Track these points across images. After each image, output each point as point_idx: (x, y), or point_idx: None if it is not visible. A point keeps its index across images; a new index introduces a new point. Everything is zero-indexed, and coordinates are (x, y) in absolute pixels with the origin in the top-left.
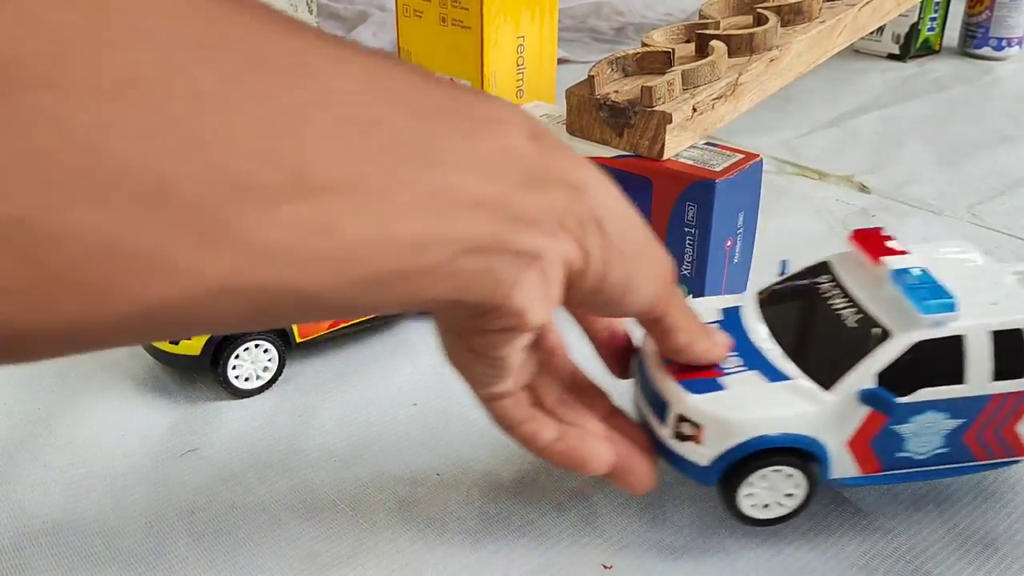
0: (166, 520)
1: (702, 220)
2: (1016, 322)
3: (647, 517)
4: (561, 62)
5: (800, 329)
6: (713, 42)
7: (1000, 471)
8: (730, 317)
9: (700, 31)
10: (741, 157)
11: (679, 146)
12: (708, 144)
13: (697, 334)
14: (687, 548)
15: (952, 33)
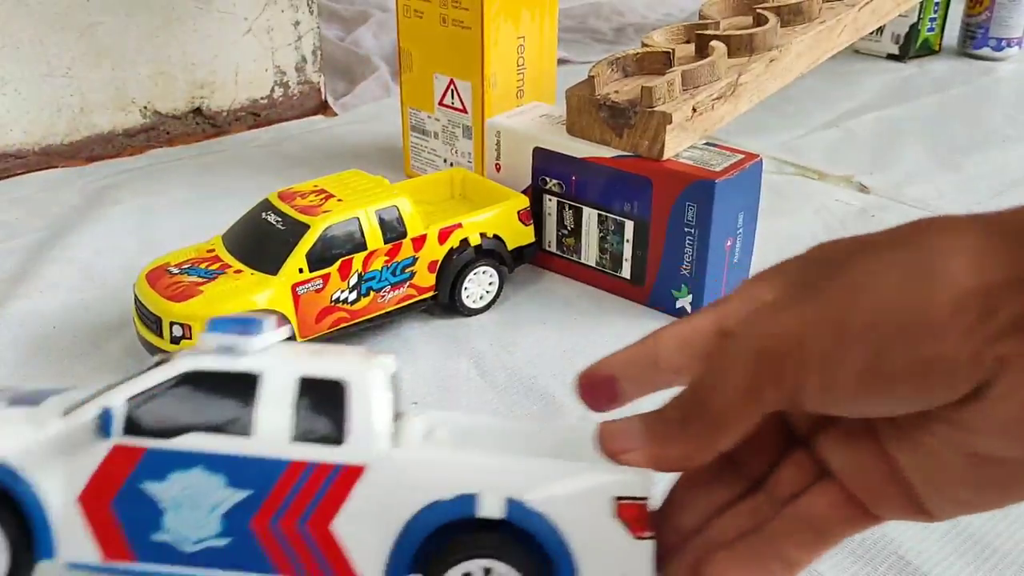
0: None
1: (702, 220)
2: (333, 373)
3: None
4: (561, 62)
5: None
6: (713, 42)
7: None
8: None
9: (700, 31)
10: (741, 157)
11: (679, 146)
12: (708, 144)
13: None
14: None
15: (952, 33)
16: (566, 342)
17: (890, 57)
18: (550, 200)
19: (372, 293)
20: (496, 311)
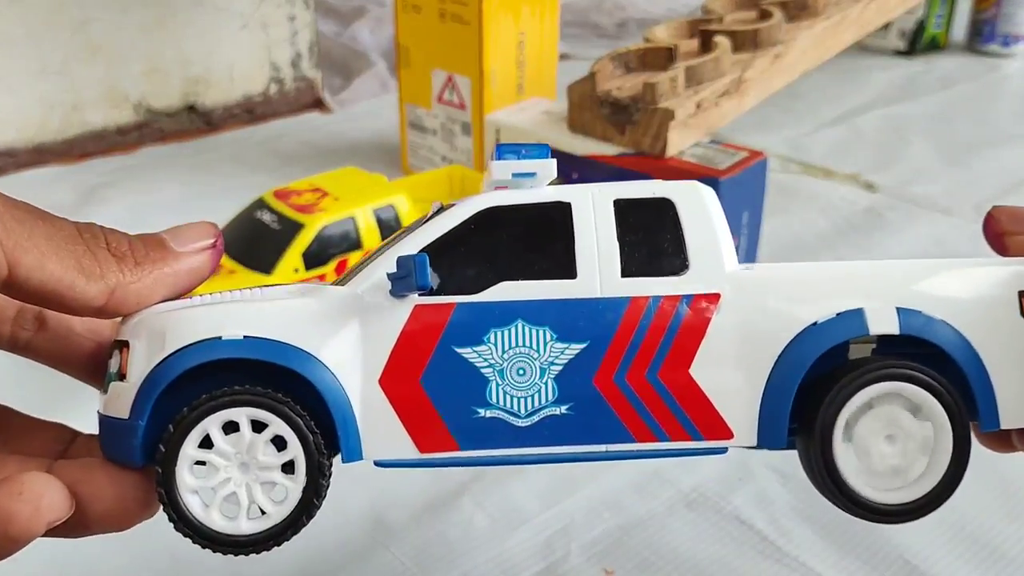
0: None
1: None
2: (655, 191)
3: (649, 521)
4: (562, 58)
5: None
6: (717, 38)
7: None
8: None
9: (704, 27)
10: (746, 155)
11: (682, 144)
12: (712, 142)
13: None
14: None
15: (959, 29)
16: None
17: (897, 53)
18: None
19: None
20: None
